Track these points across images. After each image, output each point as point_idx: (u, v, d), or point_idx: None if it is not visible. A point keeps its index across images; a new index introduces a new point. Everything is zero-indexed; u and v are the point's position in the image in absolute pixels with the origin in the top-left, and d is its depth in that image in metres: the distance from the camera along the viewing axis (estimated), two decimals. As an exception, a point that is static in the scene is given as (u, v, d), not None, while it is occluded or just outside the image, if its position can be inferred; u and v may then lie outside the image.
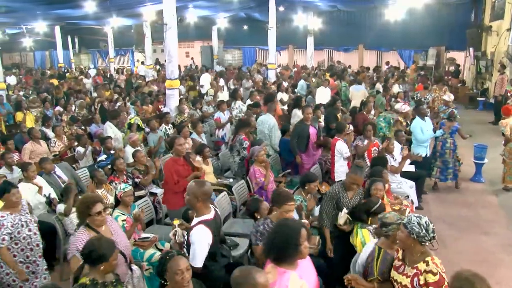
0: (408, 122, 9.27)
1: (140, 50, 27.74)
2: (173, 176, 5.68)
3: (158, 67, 24.07)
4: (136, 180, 6.61)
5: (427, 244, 3.40)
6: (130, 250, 4.38)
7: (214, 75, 17.29)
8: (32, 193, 6.19)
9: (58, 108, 12.44)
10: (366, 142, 7.30)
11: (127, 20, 21.66)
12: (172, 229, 4.29)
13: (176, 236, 4.17)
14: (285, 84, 15.78)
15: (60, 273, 5.78)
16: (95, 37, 29.08)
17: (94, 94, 15.12)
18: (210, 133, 10.62)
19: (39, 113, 12.30)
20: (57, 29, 23.41)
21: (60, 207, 5.72)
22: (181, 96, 12.52)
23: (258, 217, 4.62)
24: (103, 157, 7.66)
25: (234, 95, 10.54)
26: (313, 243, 5.06)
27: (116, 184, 6.50)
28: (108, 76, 22.47)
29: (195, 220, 3.83)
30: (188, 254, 3.70)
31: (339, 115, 9.97)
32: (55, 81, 18.62)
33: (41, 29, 21.64)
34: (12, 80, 19.61)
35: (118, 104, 11.52)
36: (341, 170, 7.12)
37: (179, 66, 15.86)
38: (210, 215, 3.90)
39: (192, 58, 27.08)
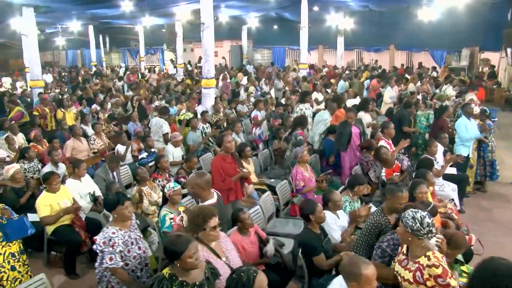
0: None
1: (170, 49, 27.99)
2: (220, 174, 5.68)
3: (188, 66, 24.26)
4: (182, 179, 6.64)
5: (424, 238, 3.42)
6: None
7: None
8: (80, 190, 6.31)
9: (95, 106, 12.65)
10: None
11: (159, 20, 21.82)
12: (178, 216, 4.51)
13: (183, 222, 4.35)
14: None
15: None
16: (126, 36, 29.47)
17: (129, 93, 15.29)
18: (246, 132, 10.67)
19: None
20: (91, 28, 23.79)
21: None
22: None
23: (313, 219, 4.57)
24: (144, 154, 7.77)
25: (303, 99, 10.46)
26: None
27: (159, 181, 6.58)
28: (139, 74, 22.71)
29: (210, 201, 4.40)
30: None
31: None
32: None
33: (76, 28, 22.01)
34: (48, 78, 20.00)
35: (156, 103, 11.65)
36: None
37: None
38: (214, 199, 4.49)
39: (223, 58, 27.17)
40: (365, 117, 9.16)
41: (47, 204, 5.61)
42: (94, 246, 3.96)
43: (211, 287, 3.45)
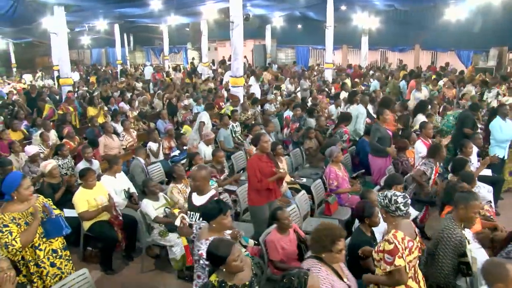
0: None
1: (194, 48, 28.11)
2: (256, 174, 5.64)
3: (212, 65, 24.33)
4: (214, 178, 6.65)
5: (396, 215, 3.67)
6: None
7: (273, 74, 17.35)
8: (115, 187, 6.37)
9: (122, 104, 12.76)
10: None
11: (185, 18, 21.93)
12: (178, 217, 4.47)
13: (187, 220, 4.31)
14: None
15: (140, 265, 5.93)
16: (150, 35, 29.66)
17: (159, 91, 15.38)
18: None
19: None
20: (116, 27, 24.02)
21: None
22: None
23: (367, 222, 4.52)
24: (176, 152, 7.82)
25: (351, 99, 10.41)
26: None
27: (193, 179, 6.59)
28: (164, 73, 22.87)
29: (207, 196, 4.41)
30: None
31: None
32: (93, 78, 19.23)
33: (102, 27, 22.25)
34: (75, 76, 20.25)
35: (185, 101, 11.72)
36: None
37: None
38: (214, 191, 4.60)
39: (245, 57, 27.13)
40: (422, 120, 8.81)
41: (84, 199, 5.67)
42: (202, 261, 3.71)
43: (259, 279, 3.47)
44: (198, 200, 4.39)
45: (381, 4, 20.61)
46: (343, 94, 12.04)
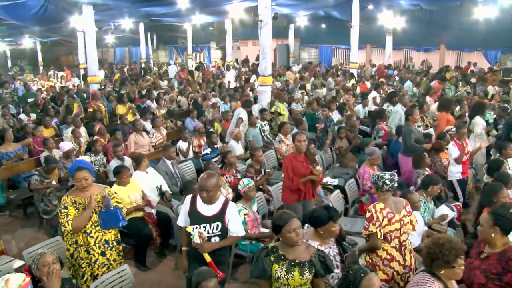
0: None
1: (217, 47, 28.17)
2: (288, 172, 5.64)
3: (236, 64, 24.38)
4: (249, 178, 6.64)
5: (384, 191, 4.24)
6: None
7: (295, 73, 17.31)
8: (147, 183, 6.40)
9: (149, 102, 12.84)
10: None
11: (209, 17, 21.95)
12: (194, 234, 3.88)
13: (204, 234, 3.91)
14: (368, 83, 15.57)
15: (174, 262, 5.95)
16: (173, 33, 29.78)
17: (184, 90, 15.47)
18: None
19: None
20: (141, 26, 24.20)
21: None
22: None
23: None
24: (208, 150, 7.84)
25: (390, 100, 10.35)
26: None
27: (226, 177, 6.60)
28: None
29: (219, 204, 4.01)
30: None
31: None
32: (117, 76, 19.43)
33: (127, 26, 22.44)
34: (101, 74, 20.48)
35: (213, 100, 11.76)
36: (452, 170, 6.95)
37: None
38: (223, 197, 4.18)
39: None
40: (480, 123, 8.56)
41: (119, 197, 5.71)
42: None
43: (316, 267, 3.42)
44: (209, 209, 3.99)
45: (406, 4, 20.36)
46: (373, 94, 11.94)
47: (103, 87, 16.43)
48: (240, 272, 5.74)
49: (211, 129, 9.56)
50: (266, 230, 5.34)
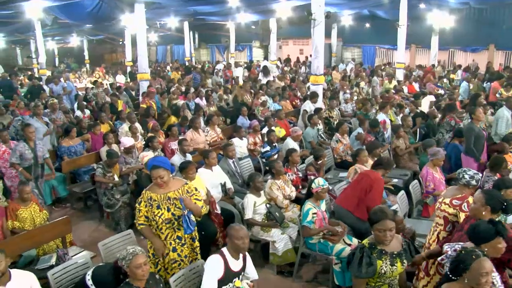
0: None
1: (259, 46, 28.21)
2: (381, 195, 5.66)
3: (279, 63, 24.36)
4: (312, 177, 6.61)
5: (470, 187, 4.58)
6: None
7: (342, 73, 17.16)
8: (212, 180, 6.45)
9: (198, 100, 12.97)
10: None
11: (255, 16, 21.98)
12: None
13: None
14: (416, 85, 15.30)
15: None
16: (215, 32, 29.99)
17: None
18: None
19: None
20: (186, 24, 24.46)
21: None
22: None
23: None
24: (267, 148, 7.86)
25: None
26: None
27: (289, 175, 6.60)
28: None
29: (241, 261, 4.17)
30: None
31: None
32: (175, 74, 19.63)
33: (173, 24, 22.72)
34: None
35: (263, 98, 11.78)
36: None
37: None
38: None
39: (310, 55, 26.91)
40: None
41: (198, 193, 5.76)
42: None
43: (407, 256, 3.70)
44: (237, 264, 4.10)
45: (455, 2, 19.89)
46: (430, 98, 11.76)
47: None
48: (304, 272, 5.73)
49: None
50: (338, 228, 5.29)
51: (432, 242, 4.46)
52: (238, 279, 4.09)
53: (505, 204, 3.68)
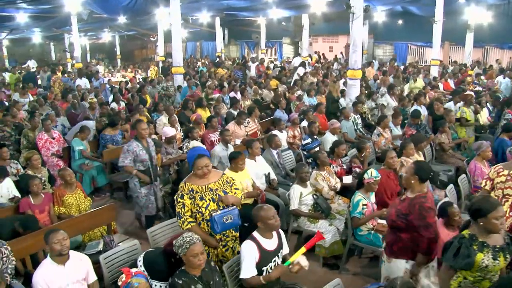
0: None
1: (289, 43, 28.06)
2: (386, 193, 5.59)
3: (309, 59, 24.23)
4: (357, 169, 6.54)
5: None
6: None
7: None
8: (256, 170, 6.42)
9: (233, 93, 12.99)
10: None
11: (287, 12, 21.84)
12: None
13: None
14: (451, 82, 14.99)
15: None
16: (244, 28, 29.92)
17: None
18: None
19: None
20: (217, 20, 24.47)
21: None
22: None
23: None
24: (308, 140, 7.82)
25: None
26: None
27: (333, 167, 6.53)
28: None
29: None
30: None
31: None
32: (220, 71, 19.70)
33: (205, 20, 22.76)
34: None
35: (299, 92, 11.74)
36: None
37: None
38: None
39: (341, 53, 26.73)
40: None
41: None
42: None
43: (510, 250, 3.48)
44: (272, 244, 4.02)
45: (495, -3, 19.40)
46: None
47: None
48: (350, 265, 5.65)
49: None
50: (381, 221, 5.19)
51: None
52: (278, 257, 4.02)
53: (431, 174, 3.98)
